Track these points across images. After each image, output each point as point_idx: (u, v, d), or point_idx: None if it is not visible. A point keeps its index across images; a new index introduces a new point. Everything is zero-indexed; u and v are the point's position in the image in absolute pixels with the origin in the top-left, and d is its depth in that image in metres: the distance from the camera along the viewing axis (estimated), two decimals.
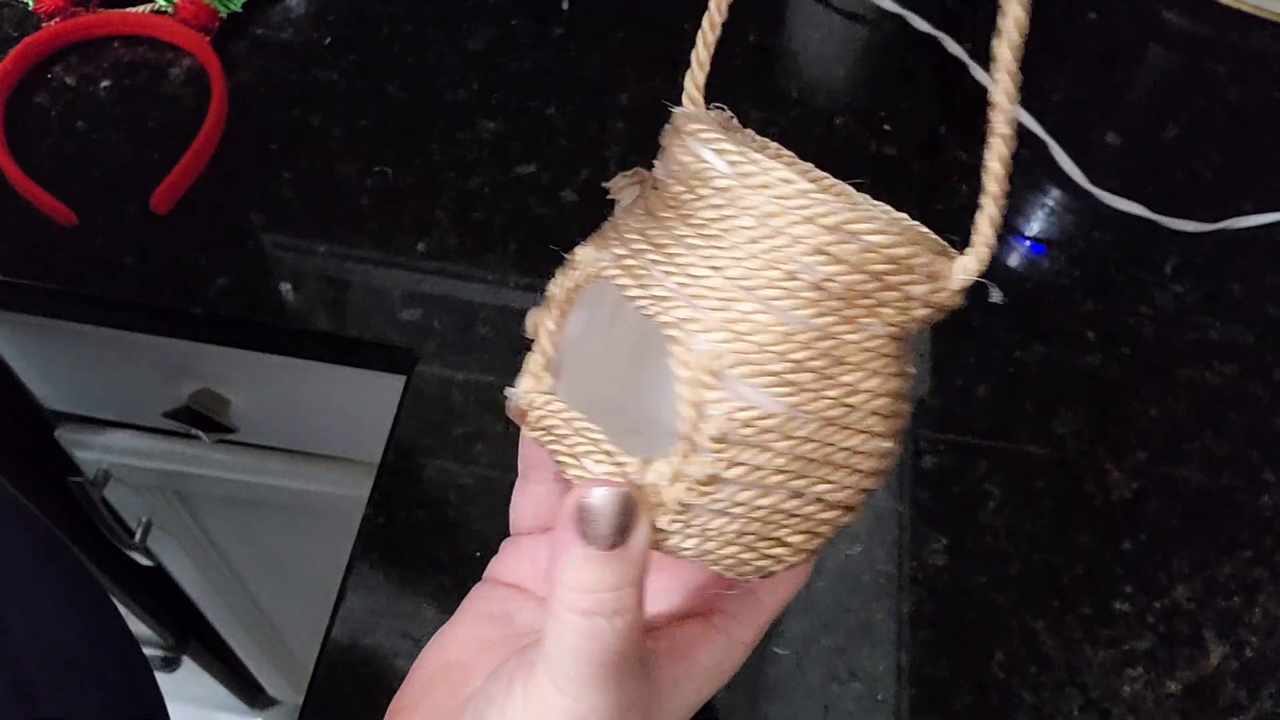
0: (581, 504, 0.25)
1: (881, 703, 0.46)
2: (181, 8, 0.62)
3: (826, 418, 0.26)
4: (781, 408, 0.25)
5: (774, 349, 0.25)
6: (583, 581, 0.25)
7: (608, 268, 0.27)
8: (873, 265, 0.25)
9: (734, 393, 0.25)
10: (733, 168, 0.25)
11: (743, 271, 0.25)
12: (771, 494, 0.26)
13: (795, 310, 0.25)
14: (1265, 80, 0.69)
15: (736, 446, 0.25)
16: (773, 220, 0.25)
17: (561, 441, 0.27)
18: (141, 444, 0.75)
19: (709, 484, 0.26)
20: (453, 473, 0.50)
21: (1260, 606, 0.50)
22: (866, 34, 0.69)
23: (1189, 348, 0.57)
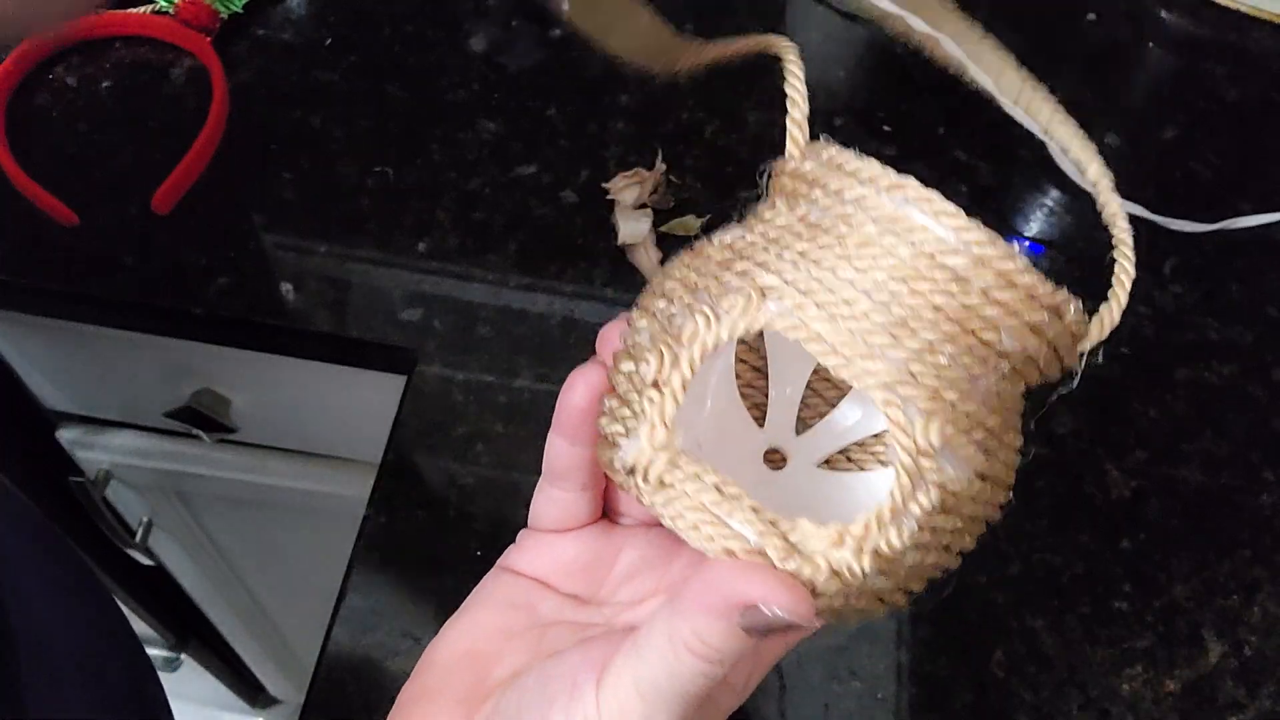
0: (757, 602, 0.25)
1: (881, 701, 0.46)
2: (182, 8, 0.62)
3: (995, 478, 0.26)
4: (977, 473, 0.25)
5: (972, 413, 0.25)
6: (714, 642, 0.26)
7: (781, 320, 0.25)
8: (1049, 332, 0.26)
9: (949, 462, 0.25)
10: (957, 236, 0.26)
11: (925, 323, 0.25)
12: (931, 553, 0.26)
13: (983, 375, 0.25)
14: (1263, 81, 0.69)
15: (937, 514, 0.25)
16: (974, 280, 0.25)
17: (695, 498, 0.26)
18: (142, 444, 0.75)
19: (899, 553, 0.25)
20: (453, 472, 0.50)
21: (1259, 605, 0.50)
22: (866, 34, 0.69)
23: (1188, 348, 0.57)
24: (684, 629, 0.26)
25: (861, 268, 0.25)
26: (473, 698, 0.30)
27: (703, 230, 0.58)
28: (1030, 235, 0.60)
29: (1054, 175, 0.62)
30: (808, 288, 0.25)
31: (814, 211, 0.27)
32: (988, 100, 0.65)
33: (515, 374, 0.53)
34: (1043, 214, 0.62)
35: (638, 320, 0.28)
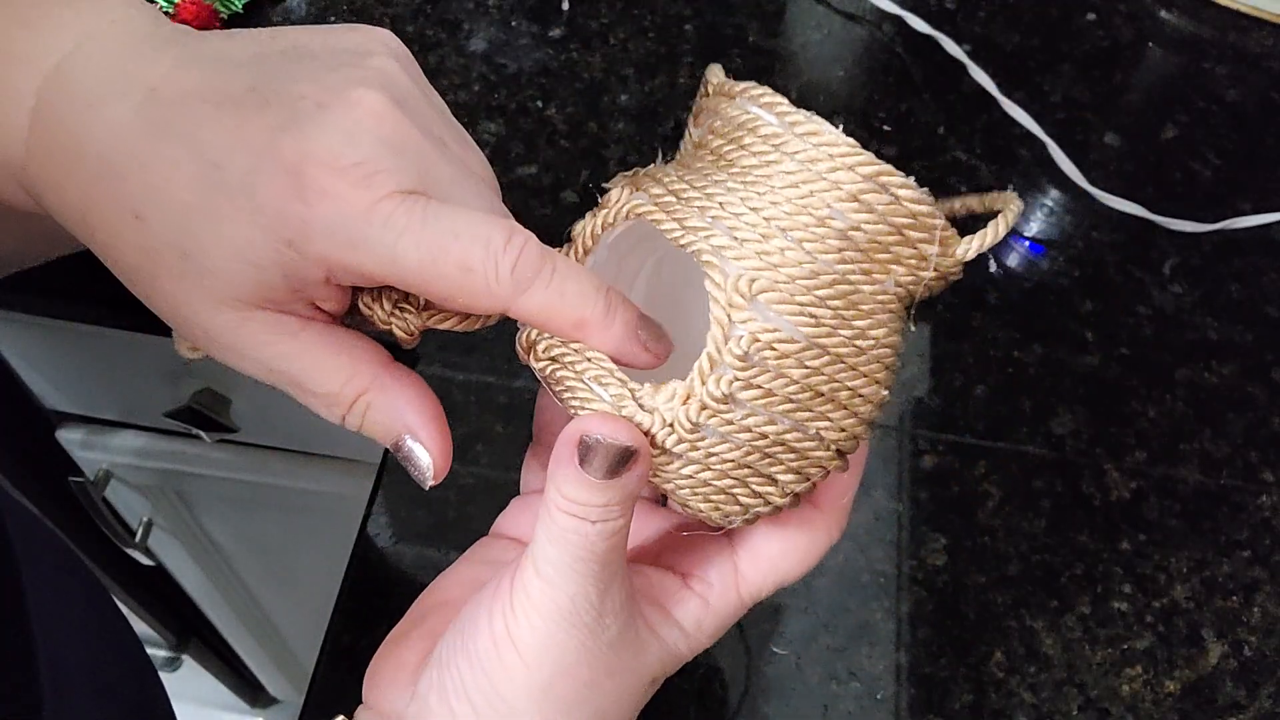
0: (583, 438, 0.27)
1: (881, 702, 0.46)
2: (182, 8, 0.62)
3: (837, 354, 0.27)
4: (801, 336, 0.27)
5: (802, 282, 0.27)
6: (573, 495, 0.28)
7: (641, 205, 0.29)
8: (896, 218, 0.27)
9: (762, 315, 0.27)
10: (781, 119, 0.28)
11: (778, 213, 0.27)
12: (777, 422, 0.28)
13: (822, 254, 0.27)
14: (1263, 81, 0.69)
15: (755, 368, 0.27)
16: (814, 165, 0.27)
17: (570, 368, 0.29)
18: (143, 444, 0.75)
19: (723, 403, 0.27)
20: (453, 472, 0.50)
21: (1259, 606, 0.50)
22: (866, 34, 0.69)
23: (1187, 348, 0.57)
24: (549, 494, 0.28)
25: (732, 174, 0.28)
26: (438, 634, 0.31)
27: None
28: (1030, 235, 0.60)
29: (1054, 175, 0.62)
30: (678, 187, 0.28)
31: (708, 136, 0.30)
32: (988, 100, 0.65)
33: (515, 374, 0.53)
34: (1043, 214, 0.62)
35: None
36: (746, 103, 0.29)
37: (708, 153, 0.29)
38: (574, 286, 0.28)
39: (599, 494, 0.28)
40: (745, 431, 0.28)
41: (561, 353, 0.29)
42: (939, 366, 0.55)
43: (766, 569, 0.32)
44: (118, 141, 0.26)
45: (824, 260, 0.27)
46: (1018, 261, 0.59)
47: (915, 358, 0.55)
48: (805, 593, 0.48)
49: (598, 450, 0.27)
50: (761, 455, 0.28)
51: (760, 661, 0.47)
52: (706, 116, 0.30)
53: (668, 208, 0.28)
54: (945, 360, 0.55)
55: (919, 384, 0.54)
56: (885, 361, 0.29)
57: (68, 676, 0.38)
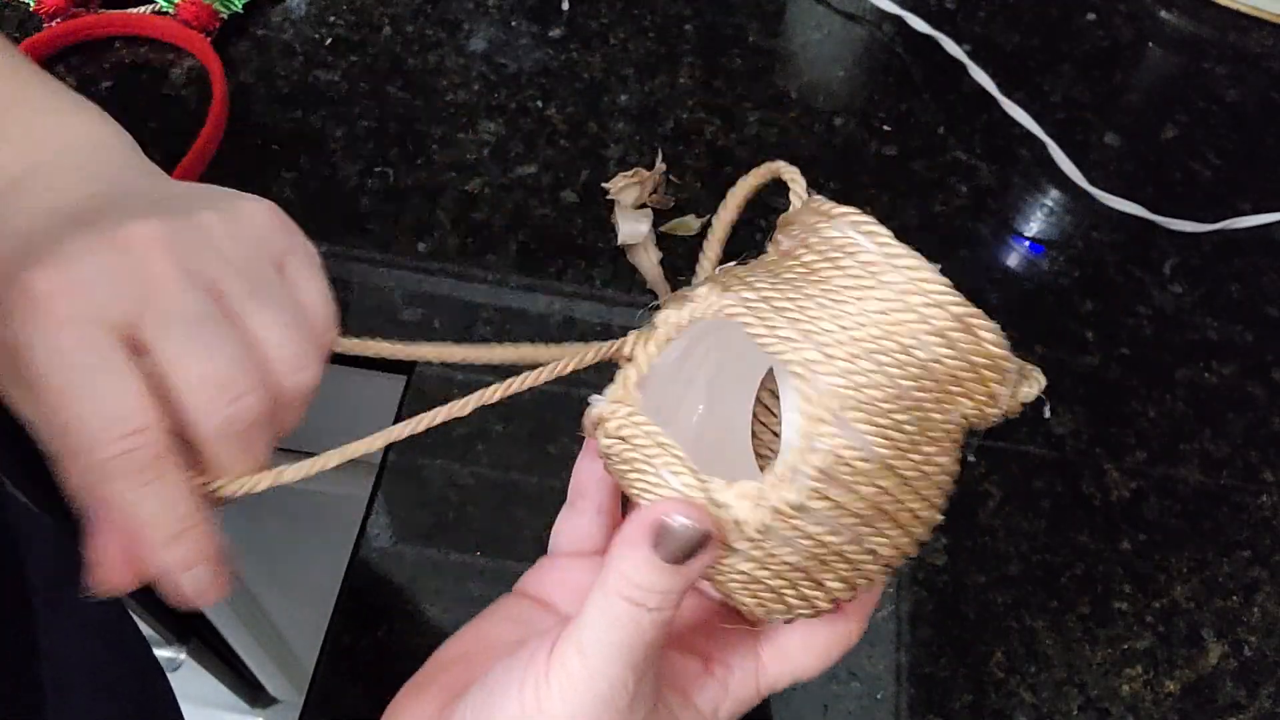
0: (665, 522, 0.28)
1: (881, 702, 0.46)
2: (182, 8, 0.62)
3: (904, 476, 0.29)
4: (876, 457, 0.28)
5: (883, 404, 0.28)
6: (639, 580, 0.28)
7: (733, 307, 0.30)
8: (975, 358, 0.29)
9: (845, 432, 0.28)
10: (880, 247, 0.29)
11: (867, 335, 0.28)
12: (840, 534, 0.29)
13: (903, 380, 0.28)
14: (1263, 81, 0.69)
15: (831, 481, 0.28)
16: (907, 297, 0.29)
17: (640, 451, 0.30)
18: None
19: (796, 511, 0.28)
20: (453, 473, 0.50)
21: (1259, 606, 0.50)
22: (866, 34, 0.69)
23: (1187, 348, 0.57)
24: (610, 577, 0.28)
25: (824, 290, 0.29)
26: (456, 689, 0.31)
27: (703, 230, 0.58)
28: (1030, 235, 0.60)
29: (1054, 175, 0.62)
30: (768, 295, 0.30)
31: (800, 249, 0.31)
32: (988, 100, 0.65)
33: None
34: (1043, 214, 0.62)
35: None
36: (846, 227, 0.30)
37: (799, 265, 0.31)
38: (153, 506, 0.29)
39: (665, 579, 0.28)
40: (808, 539, 0.29)
41: (632, 434, 0.30)
42: None
43: (788, 663, 0.33)
44: None
45: (904, 386, 0.28)
46: (1018, 261, 0.59)
47: None
48: None
49: (674, 535, 0.28)
50: (819, 563, 0.29)
51: None
52: (801, 230, 0.32)
53: (759, 313, 0.29)
54: None
55: None
56: (945, 488, 0.30)
57: (71, 676, 0.38)
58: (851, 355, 0.28)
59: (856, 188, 0.61)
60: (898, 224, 0.60)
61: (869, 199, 0.61)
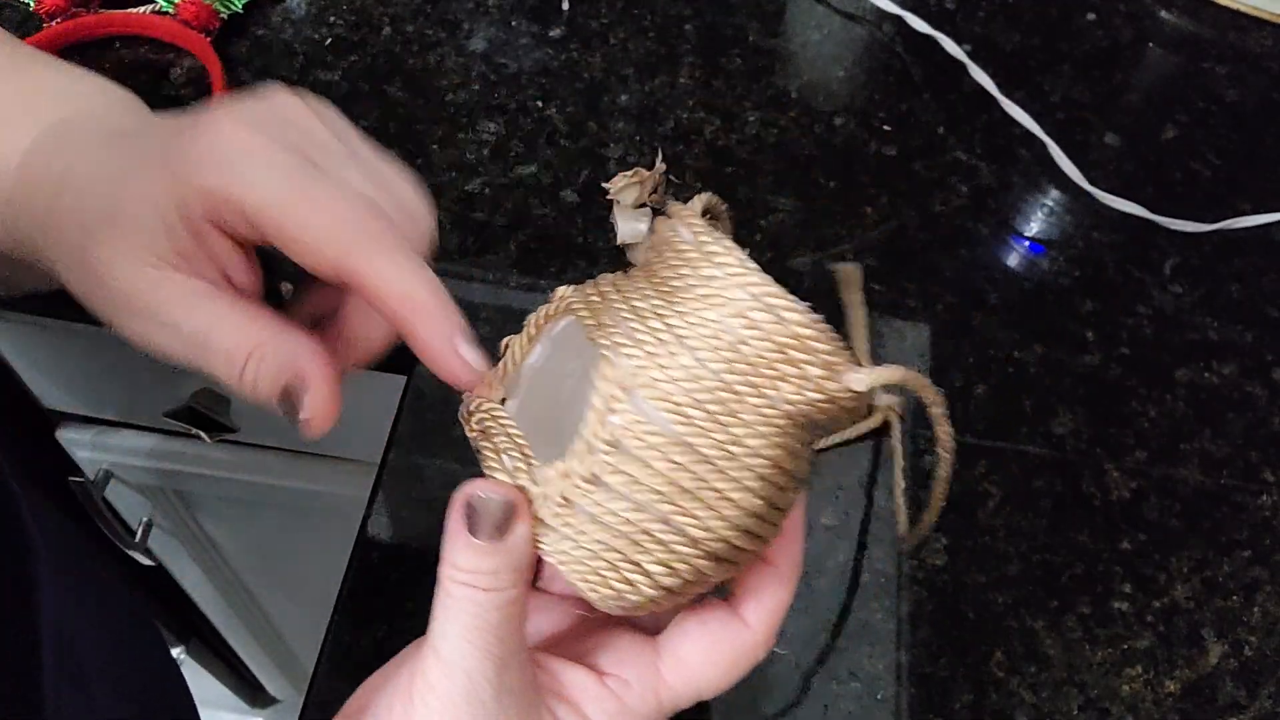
0: (468, 499, 0.29)
1: (881, 702, 0.46)
2: (182, 8, 0.62)
3: (705, 455, 0.29)
4: (671, 433, 0.29)
5: (682, 384, 0.29)
6: (465, 564, 0.29)
7: (575, 302, 0.32)
8: (780, 337, 0.29)
9: (636, 408, 0.29)
10: (695, 237, 0.31)
11: (681, 322, 0.30)
12: (642, 511, 0.29)
13: (711, 362, 0.29)
14: (1263, 81, 0.69)
15: (624, 455, 0.29)
16: (712, 282, 0.30)
17: (491, 441, 0.32)
18: (142, 444, 0.75)
19: (591, 483, 0.29)
20: (453, 472, 0.50)
21: (1259, 606, 0.50)
22: (866, 34, 0.69)
23: (1187, 348, 0.57)
24: (443, 569, 0.29)
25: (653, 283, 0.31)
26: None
27: None
28: (1030, 235, 0.61)
29: (1054, 175, 0.62)
30: (606, 289, 0.32)
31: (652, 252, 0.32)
32: (988, 100, 0.65)
33: None
34: (1043, 214, 0.62)
35: None
36: (676, 223, 0.32)
37: (644, 264, 0.33)
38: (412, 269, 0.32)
39: (487, 558, 0.29)
40: (612, 515, 0.29)
41: (489, 426, 0.32)
42: (939, 366, 0.55)
43: (689, 675, 0.33)
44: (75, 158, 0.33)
45: (711, 369, 0.29)
46: (1018, 261, 0.59)
47: (916, 358, 0.55)
48: (805, 593, 0.48)
49: (481, 511, 0.29)
50: (629, 542, 0.30)
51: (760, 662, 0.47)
52: (656, 241, 0.33)
53: (592, 306, 0.31)
54: (945, 360, 0.55)
55: None
56: (760, 471, 0.30)
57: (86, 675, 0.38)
58: (660, 339, 0.29)
59: (856, 187, 0.61)
60: (898, 224, 0.60)
61: (869, 199, 0.61)
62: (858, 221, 0.60)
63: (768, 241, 0.58)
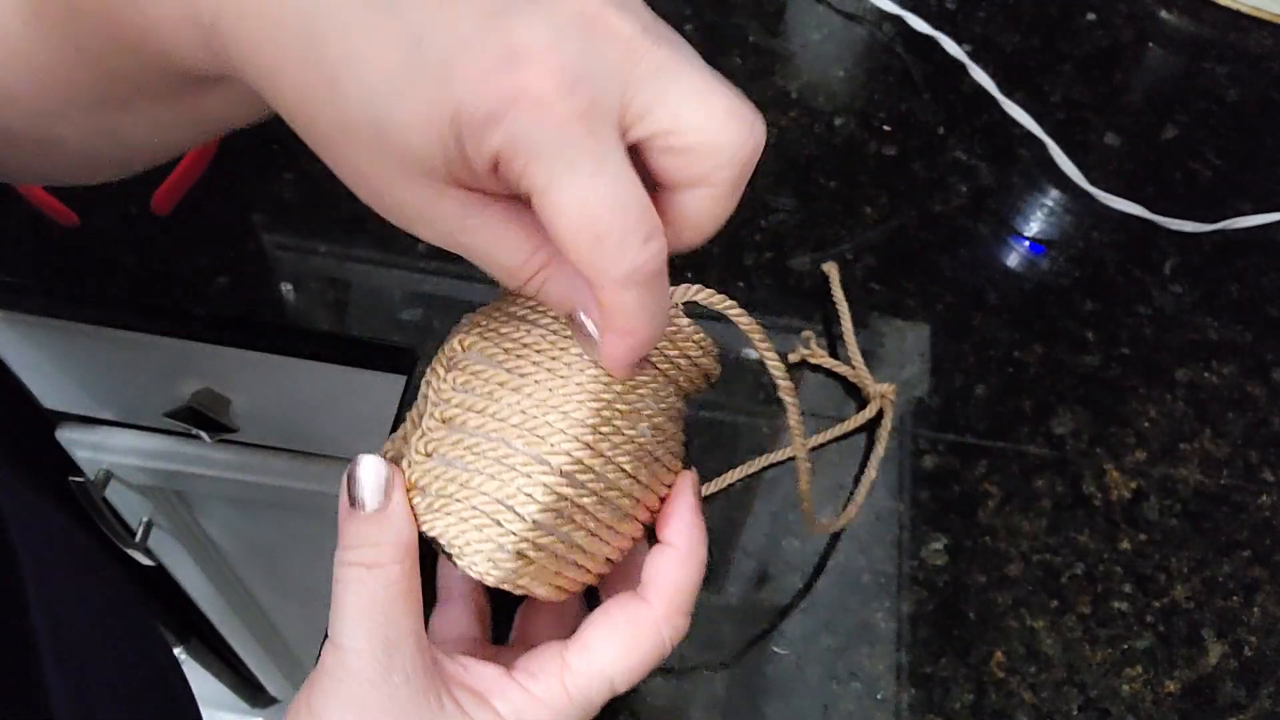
0: (349, 471, 0.32)
1: (881, 702, 0.46)
2: None
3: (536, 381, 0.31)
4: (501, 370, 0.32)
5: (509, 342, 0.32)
6: (348, 538, 0.31)
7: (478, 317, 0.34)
8: None
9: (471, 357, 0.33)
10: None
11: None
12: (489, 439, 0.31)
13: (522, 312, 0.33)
14: (1263, 81, 0.69)
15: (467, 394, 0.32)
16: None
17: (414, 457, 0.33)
18: (142, 444, 0.75)
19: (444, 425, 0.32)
20: None
21: (1259, 606, 0.50)
22: (866, 34, 0.69)
23: (1188, 348, 0.57)
24: (337, 554, 0.31)
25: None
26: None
27: None
28: (1030, 235, 0.61)
29: (1054, 175, 0.62)
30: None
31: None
32: (988, 100, 0.65)
33: None
34: (1042, 214, 0.62)
35: None
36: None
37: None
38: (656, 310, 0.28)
39: (370, 528, 0.31)
40: (465, 451, 0.31)
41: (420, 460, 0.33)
42: (939, 366, 0.55)
43: (591, 658, 0.33)
44: (322, 5, 0.25)
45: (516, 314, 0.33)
46: (1018, 261, 0.59)
47: (916, 357, 0.55)
48: (805, 593, 0.48)
49: (359, 477, 0.31)
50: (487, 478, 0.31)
51: (760, 661, 0.47)
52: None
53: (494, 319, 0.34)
54: (945, 360, 0.55)
55: (919, 384, 0.54)
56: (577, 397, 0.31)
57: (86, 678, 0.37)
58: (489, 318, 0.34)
59: (856, 187, 0.61)
60: (898, 224, 0.60)
61: (869, 198, 0.61)
62: (858, 221, 0.60)
63: (768, 241, 0.58)
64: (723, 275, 0.57)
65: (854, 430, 0.52)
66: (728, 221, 0.33)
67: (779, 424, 0.53)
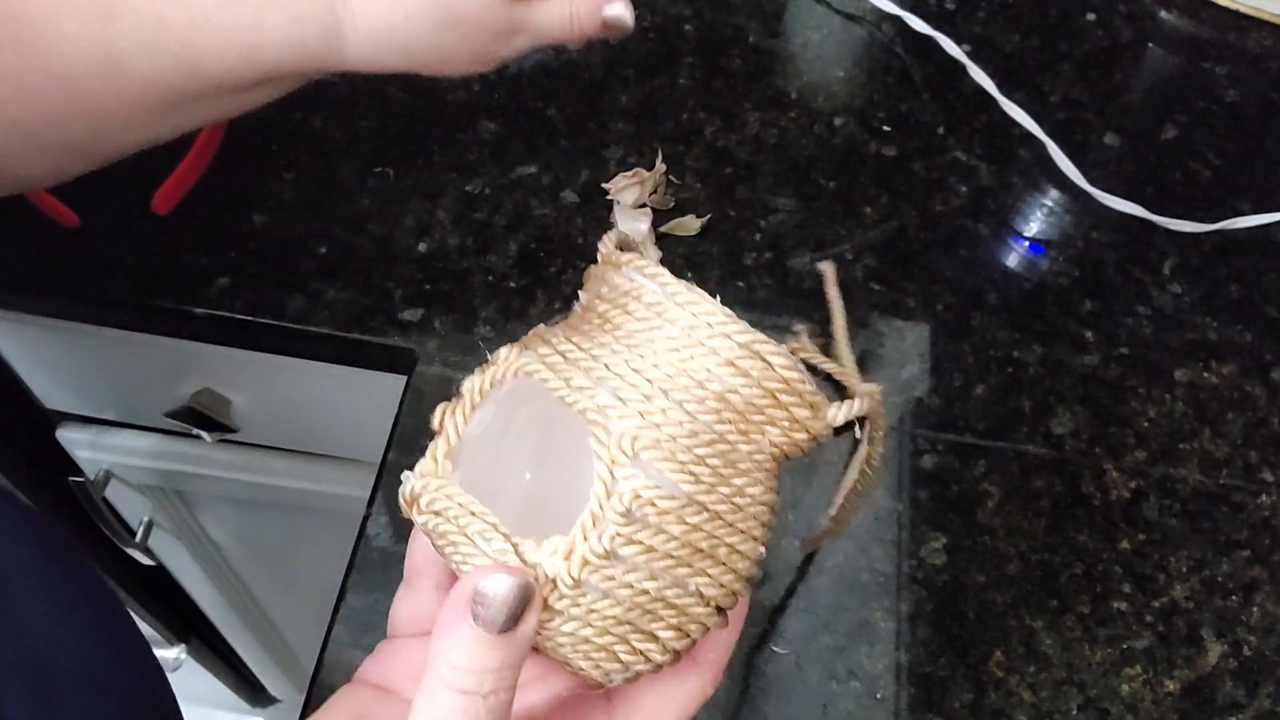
0: (478, 588, 0.26)
1: (880, 701, 0.46)
2: None
3: (716, 511, 0.28)
4: (681, 493, 0.28)
5: (682, 440, 0.28)
6: (465, 661, 0.26)
7: (529, 364, 0.30)
8: (770, 383, 0.29)
9: (645, 472, 0.28)
10: (663, 288, 0.30)
11: (660, 375, 0.28)
12: (659, 578, 0.28)
13: (701, 414, 0.28)
14: (1263, 81, 0.69)
15: (638, 524, 0.27)
16: (694, 332, 0.29)
17: (454, 522, 0.29)
18: (143, 444, 0.75)
19: (605, 558, 0.27)
20: None
21: (1258, 605, 0.50)
22: (865, 35, 0.69)
23: (1187, 348, 0.57)
24: (437, 667, 0.26)
25: (617, 336, 0.30)
26: None
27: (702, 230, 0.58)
28: (1030, 235, 0.61)
29: (1054, 175, 0.62)
30: (564, 348, 0.30)
31: (595, 300, 0.31)
32: (987, 101, 0.65)
33: None
34: (1042, 214, 0.62)
35: None
36: (632, 272, 0.30)
37: (595, 315, 0.31)
38: None
39: (494, 653, 0.26)
40: (627, 588, 0.28)
41: (445, 506, 0.29)
42: (939, 366, 0.55)
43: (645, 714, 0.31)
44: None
45: (703, 420, 0.28)
46: (1017, 261, 0.60)
47: (915, 357, 0.55)
48: (805, 592, 0.48)
49: (491, 599, 0.26)
50: (643, 612, 0.28)
51: (760, 661, 0.47)
52: (594, 283, 0.32)
53: (554, 367, 0.29)
54: (945, 360, 0.55)
55: (919, 384, 0.54)
56: (762, 519, 0.29)
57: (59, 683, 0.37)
58: (645, 396, 0.28)
59: (856, 188, 0.61)
60: (897, 224, 0.60)
61: (869, 199, 0.61)
62: (857, 222, 0.60)
63: (767, 242, 0.58)
64: (723, 275, 0.57)
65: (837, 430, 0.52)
66: (728, 221, 0.33)
67: None
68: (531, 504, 0.31)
